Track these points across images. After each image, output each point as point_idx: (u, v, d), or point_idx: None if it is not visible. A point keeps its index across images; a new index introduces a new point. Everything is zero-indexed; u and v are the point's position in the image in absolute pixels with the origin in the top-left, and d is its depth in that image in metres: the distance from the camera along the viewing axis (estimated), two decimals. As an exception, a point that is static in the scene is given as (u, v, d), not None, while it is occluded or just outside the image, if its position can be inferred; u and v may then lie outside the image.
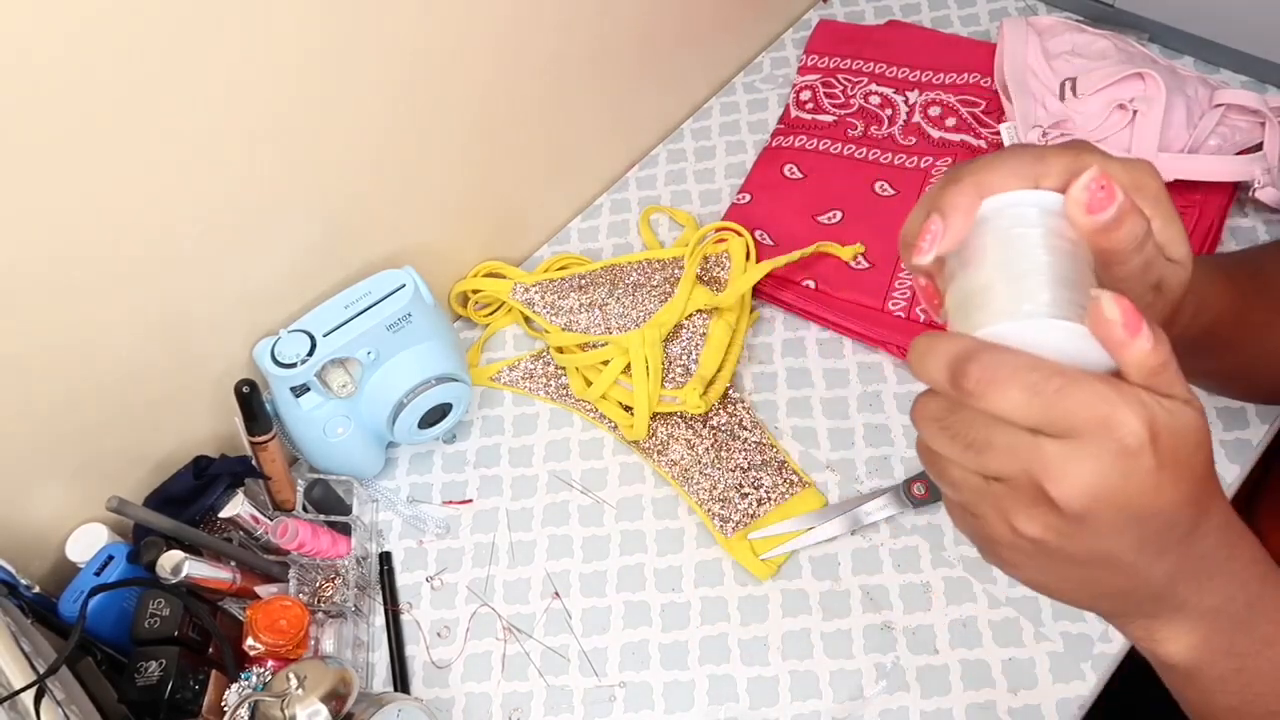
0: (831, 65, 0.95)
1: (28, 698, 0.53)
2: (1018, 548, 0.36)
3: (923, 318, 0.77)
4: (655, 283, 0.83)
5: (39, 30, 0.51)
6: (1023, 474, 0.33)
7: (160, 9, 0.55)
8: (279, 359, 0.69)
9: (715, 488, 0.74)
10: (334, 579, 0.71)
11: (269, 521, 0.70)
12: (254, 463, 0.73)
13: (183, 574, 0.63)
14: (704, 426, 0.77)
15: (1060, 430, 0.32)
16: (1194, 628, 0.39)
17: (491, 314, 0.87)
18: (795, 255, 0.80)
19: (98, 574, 0.65)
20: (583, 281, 0.84)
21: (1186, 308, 0.44)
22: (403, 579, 0.75)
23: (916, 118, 0.89)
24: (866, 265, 0.81)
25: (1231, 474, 0.69)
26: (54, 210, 0.57)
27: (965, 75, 0.90)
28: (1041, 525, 0.34)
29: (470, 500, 0.78)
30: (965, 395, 0.33)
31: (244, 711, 0.58)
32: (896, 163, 0.87)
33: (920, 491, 0.70)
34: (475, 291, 0.87)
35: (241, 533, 0.70)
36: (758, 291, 0.82)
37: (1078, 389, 0.32)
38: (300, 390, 0.71)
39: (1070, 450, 0.32)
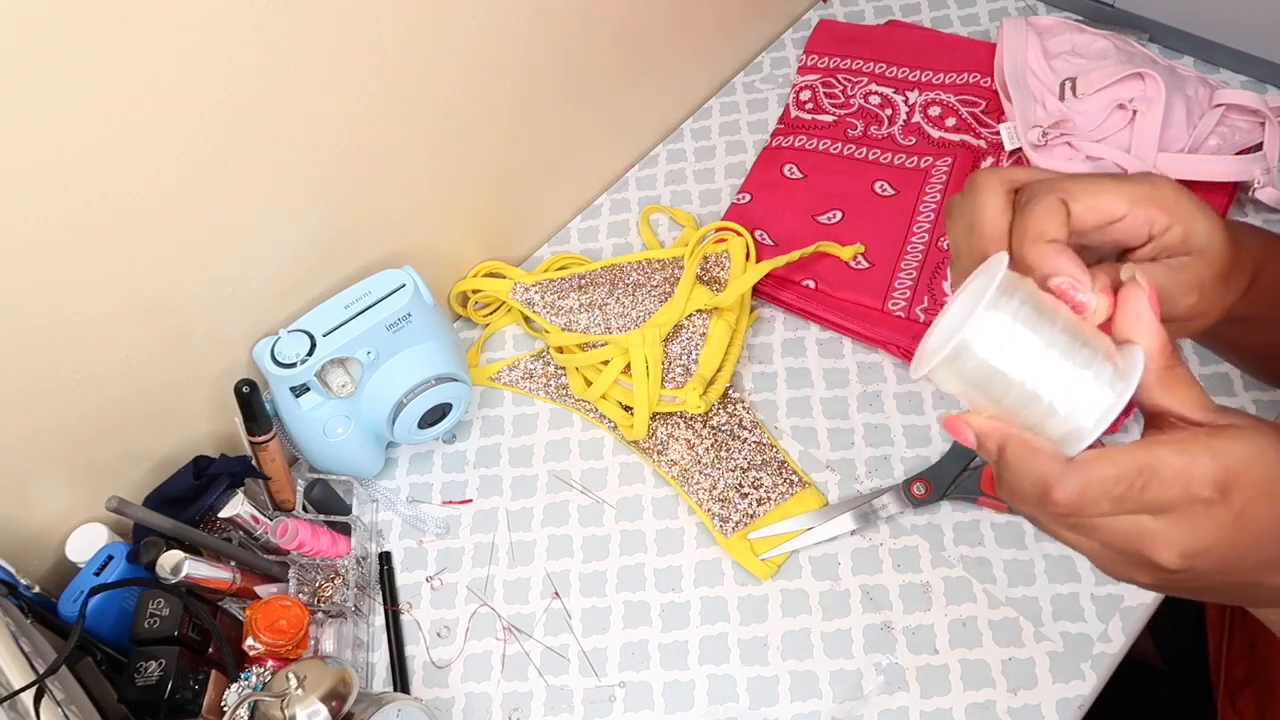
0: (831, 65, 0.95)
1: (28, 698, 0.53)
2: (1146, 583, 0.40)
3: (923, 318, 0.77)
4: (655, 283, 0.83)
5: (39, 31, 0.51)
6: (1131, 547, 0.37)
7: (162, 15, 0.55)
8: (279, 359, 0.69)
9: (715, 488, 0.74)
10: (334, 579, 0.71)
11: (269, 521, 0.70)
12: (254, 463, 0.73)
13: (183, 574, 0.63)
14: (704, 426, 0.77)
15: (1154, 511, 0.36)
16: None
17: (491, 314, 0.87)
18: (795, 255, 0.80)
19: (98, 574, 0.65)
20: (583, 281, 0.84)
21: (1238, 278, 0.44)
22: (403, 579, 0.75)
23: (916, 118, 0.89)
24: (866, 265, 0.81)
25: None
26: (53, 211, 0.57)
27: (965, 75, 0.90)
28: (1158, 578, 0.38)
29: (470, 500, 0.78)
30: (1063, 512, 0.37)
31: (244, 711, 0.58)
32: (896, 163, 0.87)
33: (920, 491, 0.70)
34: (475, 291, 0.87)
35: (241, 533, 0.70)
36: (758, 291, 0.82)
37: (1157, 478, 0.36)
38: (300, 390, 0.71)
39: (1164, 524, 0.36)
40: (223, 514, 0.68)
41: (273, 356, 0.69)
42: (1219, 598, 0.41)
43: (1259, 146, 0.79)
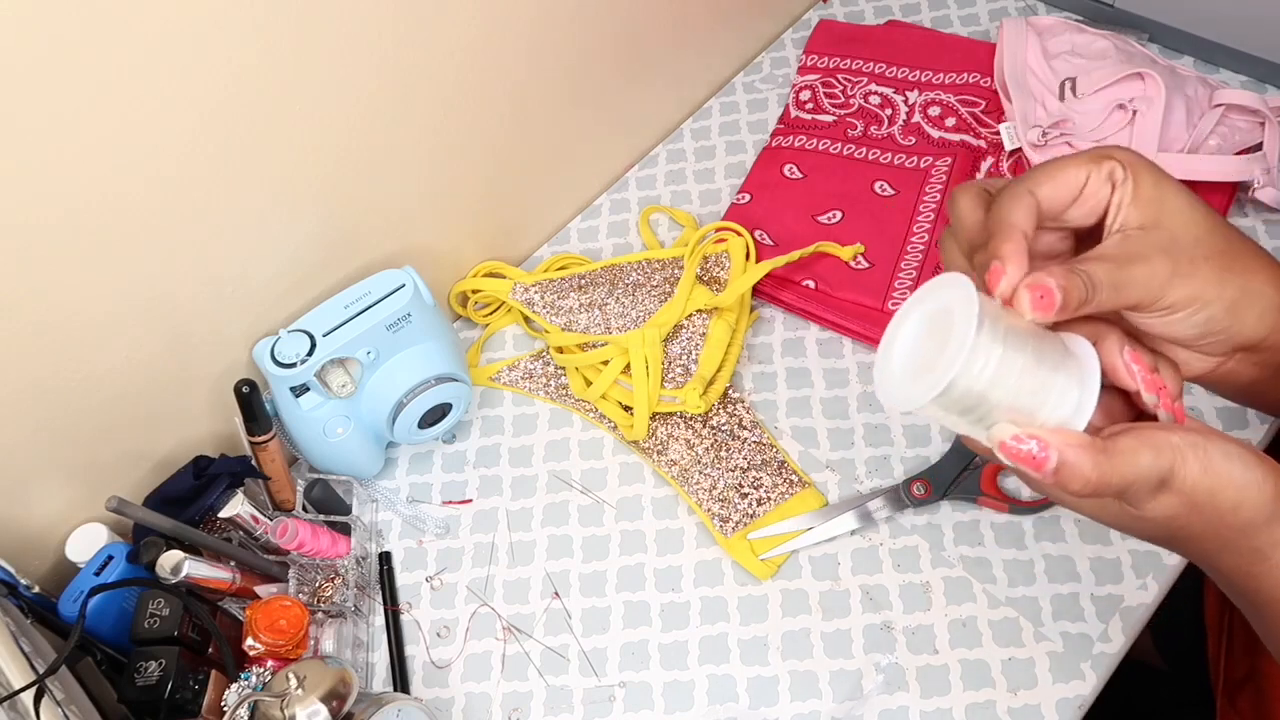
0: (831, 65, 0.95)
1: (28, 698, 0.53)
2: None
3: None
4: (655, 283, 0.83)
5: (40, 31, 0.51)
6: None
7: (163, 15, 0.55)
8: (279, 359, 0.69)
9: (715, 488, 0.74)
10: (334, 579, 0.71)
11: (269, 521, 0.70)
12: (254, 463, 0.73)
13: (182, 574, 0.63)
14: (704, 426, 0.77)
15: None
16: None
17: (491, 314, 0.87)
18: (795, 255, 0.80)
19: (97, 574, 0.65)
20: (582, 281, 0.84)
21: (1237, 273, 0.43)
22: (402, 579, 0.75)
23: (916, 118, 0.89)
24: (866, 265, 0.81)
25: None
26: (53, 212, 0.57)
27: (965, 75, 0.90)
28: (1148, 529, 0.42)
29: (470, 500, 0.78)
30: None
31: (244, 711, 0.58)
32: (896, 163, 0.87)
33: (920, 491, 0.70)
34: (475, 291, 0.87)
35: (241, 533, 0.70)
36: (758, 291, 0.82)
37: (1182, 468, 0.39)
38: (300, 390, 0.71)
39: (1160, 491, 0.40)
40: (223, 514, 0.68)
41: (273, 356, 0.69)
42: (1209, 540, 0.43)
43: (1259, 146, 0.79)
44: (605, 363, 0.79)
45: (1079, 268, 0.39)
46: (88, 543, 0.68)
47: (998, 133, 0.85)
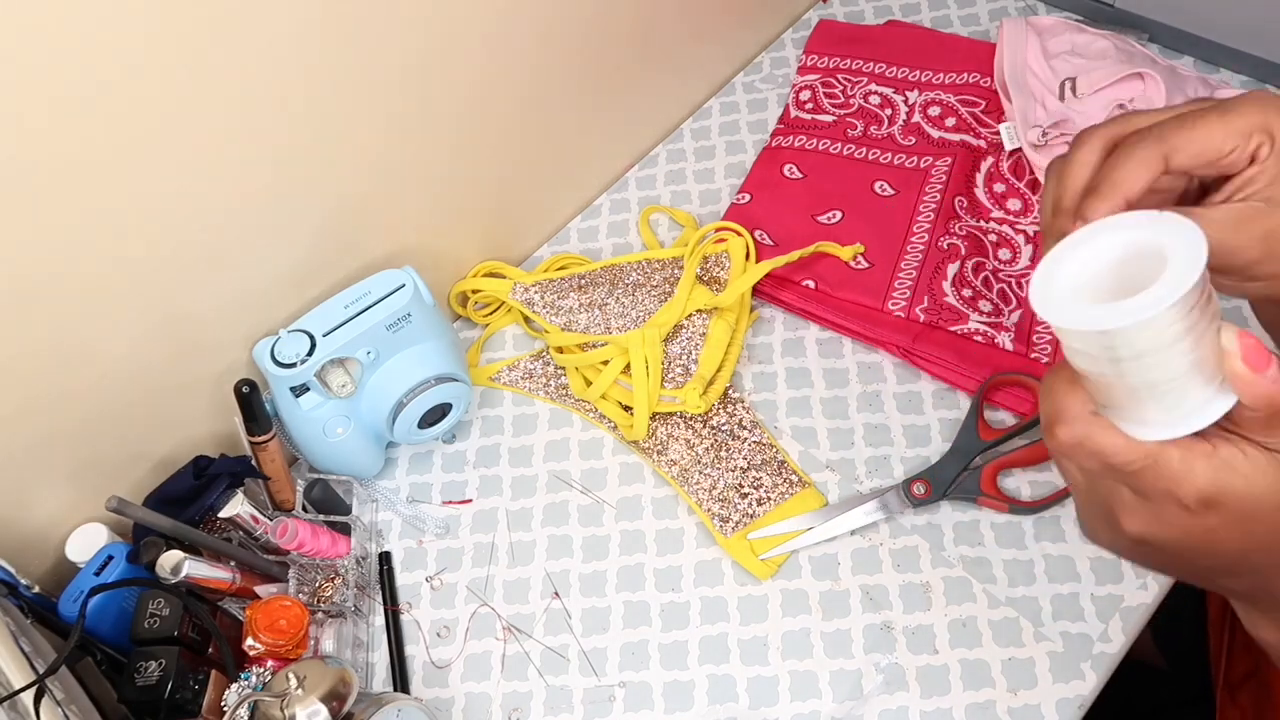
0: (831, 65, 0.95)
1: (28, 698, 0.53)
2: (1107, 542, 0.42)
3: (923, 318, 0.77)
4: (655, 283, 0.83)
5: (40, 33, 0.51)
6: (1106, 502, 0.39)
7: (163, 15, 0.55)
8: (279, 359, 0.69)
9: (715, 488, 0.74)
10: (334, 579, 0.71)
11: (269, 521, 0.70)
12: (254, 463, 0.73)
13: (182, 574, 0.63)
14: (704, 426, 0.77)
15: (1135, 490, 0.38)
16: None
17: (491, 314, 0.87)
18: (795, 255, 0.80)
19: (97, 574, 0.65)
20: (582, 281, 0.84)
21: None
22: (402, 579, 0.75)
23: (916, 118, 0.89)
24: (866, 265, 0.81)
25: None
26: (54, 211, 0.57)
27: (965, 75, 0.90)
28: (1116, 542, 0.40)
29: (470, 500, 0.78)
30: (1055, 449, 0.39)
31: (244, 711, 0.58)
32: (896, 163, 0.87)
33: (920, 491, 0.70)
34: (475, 291, 0.87)
35: (241, 533, 0.70)
36: (758, 291, 0.82)
37: (1151, 470, 0.37)
38: (300, 390, 0.71)
39: (1138, 502, 0.38)
40: (223, 514, 0.68)
41: (273, 356, 0.69)
42: (1168, 573, 0.43)
43: (1259, 146, 0.78)
44: (605, 363, 0.79)
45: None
46: (88, 543, 0.68)
47: (998, 133, 0.85)
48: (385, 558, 0.75)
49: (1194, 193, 0.43)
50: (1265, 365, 0.35)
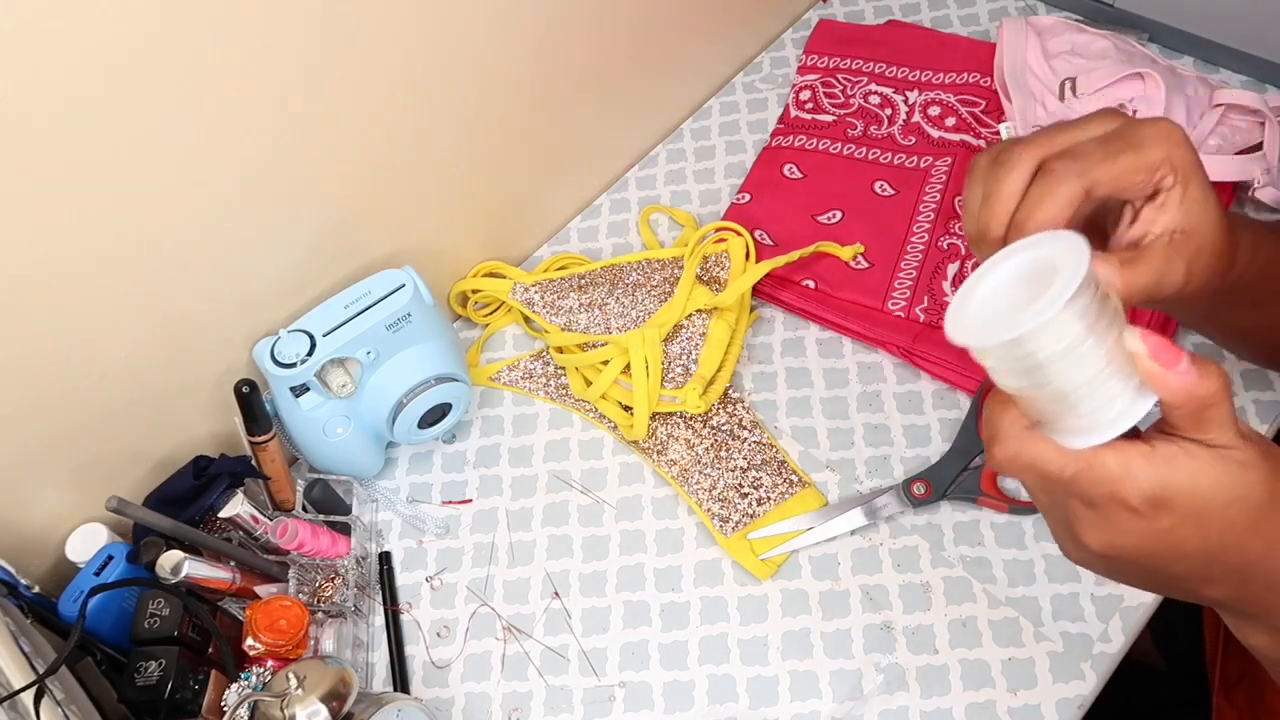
0: (831, 65, 0.95)
1: (28, 698, 0.53)
2: (1077, 560, 0.42)
3: (923, 318, 0.77)
4: (655, 283, 0.83)
5: (41, 34, 0.51)
6: (1065, 519, 0.40)
7: (162, 14, 0.55)
8: (279, 359, 0.69)
9: (715, 488, 0.74)
10: (334, 579, 0.71)
11: (269, 521, 0.70)
12: (254, 463, 0.73)
13: (182, 574, 0.63)
14: (704, 426, 0.77)
15: (1082, 502, 0.39)
16: (1270, 633, 0.42)
17: (491, 314, 0.87)
18: (795, 255, 0.80)
19: (97, 574, 0.65)
20: (582, 281, 0.84)
21: (1238, 256, 0.45)
22: (402, 579, 0.75)
23: (916, 117, 0.89)
24: (866, 265, 0.81)
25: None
26: (54, 211, 0.57)
27: (965, 75, 0.90)
28: (1085, 557, 0.41)
29: (470, 500, 0.78)
30: (995, 468, 0.41)
31: (244, 711, 0.58)
32: (896, 162, 0.87)
33: (920, 491, 0.70)
34: (475, 291, 0.87)
35: (241, 533, 0.70)
36: (757, 291, 0.82)
37: (1086, 477, 0.38)
38: (300, 390, 0.71)
39: (1091, 514, 0.38)
40: (223, 514, 0.68)
41: (273, 356, 0.69)
42: (1160, 592, 0.43)
43: (1259, 146, 0.79)
44: (605, 363, 0.79)
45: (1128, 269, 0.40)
46: (88, 543, 0.68)
47: (998, 133, 0.85)
48: (385, 558, 0.75)
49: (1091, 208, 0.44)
50: (1175, 360, 0.36)
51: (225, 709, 0.60)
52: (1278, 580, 0.40)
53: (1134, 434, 0.39)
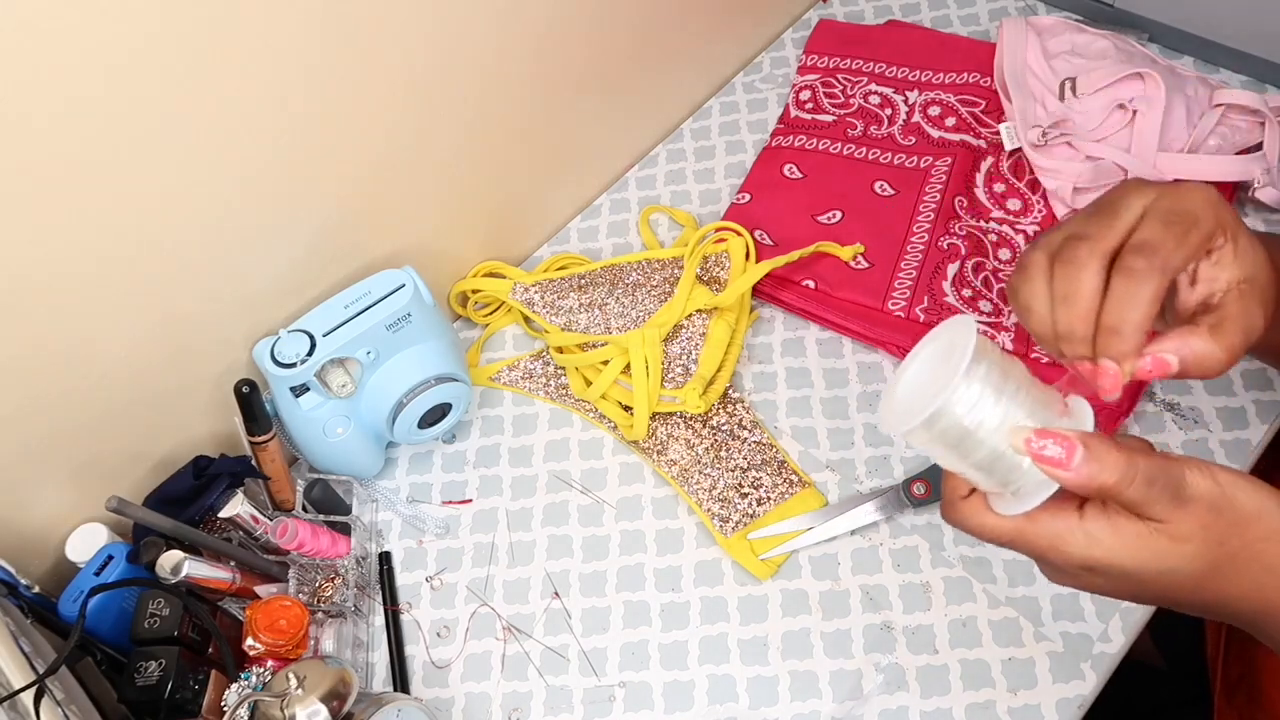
0: (831, 65, 0.95)
1: (28, 698, 0.53)
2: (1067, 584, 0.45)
3: (923, 318, 0.77)
4: (655, 283, 0.83)
5: (41, 34, 0.51)
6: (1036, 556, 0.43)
7: (163, 14, 0.55)
8: (279, 359, 0.69)
9: (715, 488, 0.74)
10: (334, 579, 0.71)
11: (269, 521, 0.70)
12: (254, 463, 0.73)
13: (182, 574, 0.63)
14: (704, 426, 0.77)
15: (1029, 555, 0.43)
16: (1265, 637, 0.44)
17: (491, 314, 0.87)
18: (795, 255, 0.80)
19: (97, 574, 0.65)
20: (582, 281, 0.84)
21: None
22: (402, 579, 0.75)
23: (916, 117, 0.89)
24: (866, 265, 0.81)
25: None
26: (54, 211, 0.57)
27: (965, 75, 0.90)
28: (1072, 581, 0.44)
29: (470, 500, 0.78)
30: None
31: (244, 711, 0.58)
32: (896, 162, 0.87)
33: (920, 491, 0.70)
34: (475, 291, 0.87)
35: (241, 533, 0.70)
36: (757, 291, 0.82)
37: (1025, 538, 0.41)
38: (300, 390, 0.71)
39: (1039, 562, 0.43)
40: (223, 514, 0.68)
41: (273, 356, 0.69)
42: (1149, 601, 0.45)
43: (1259, 146, 0.79)
44: (605, 363, 0.79)
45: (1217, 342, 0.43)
46: (88, 543, 0.68)
47: (998, 133, 0.85)
48: (385, 558, 0.75)
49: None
50: (1063, 462, 0.39)
51: (225, 709, 0.60)
52: (1250, 619, 0.42)
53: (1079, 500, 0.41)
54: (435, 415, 0.75)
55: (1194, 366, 0.42)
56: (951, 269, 0.78)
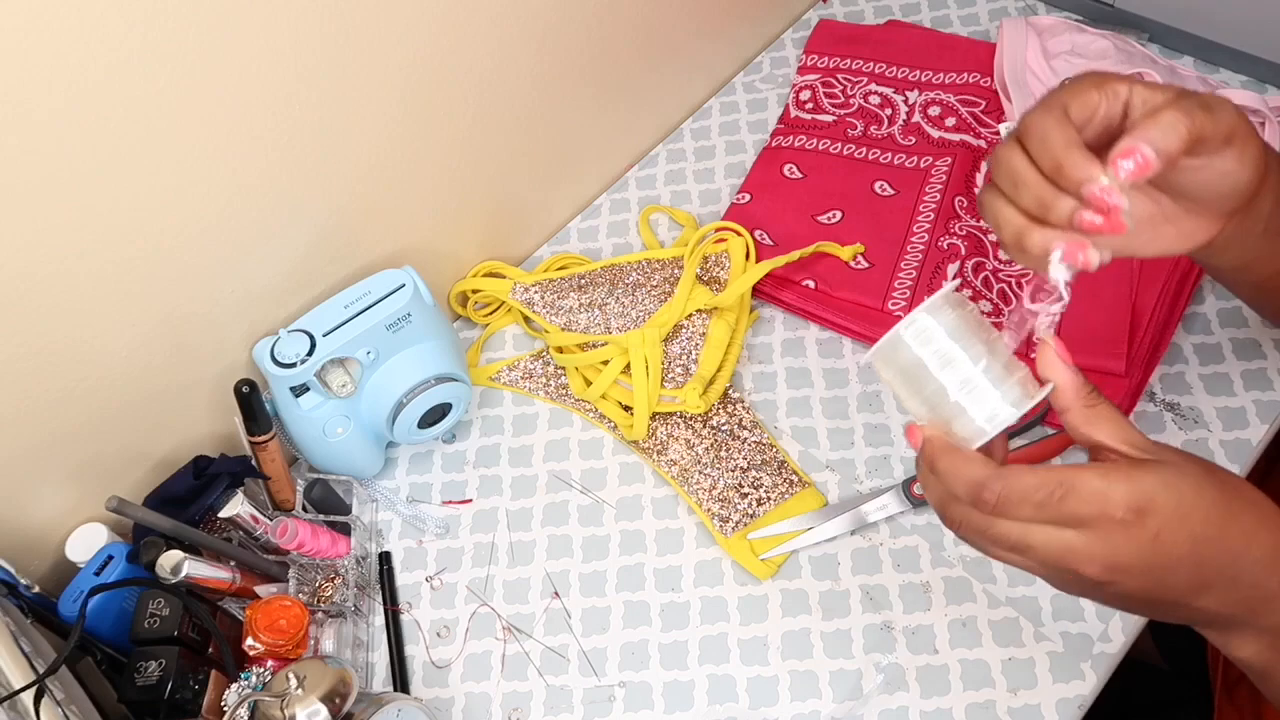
0: (831, 65, 0.95)
1: (28, 698, 0.53)
2: (1081, 593, 0.45)
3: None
4: (655, 283, 0.83)
5: (41, 37, 0.51)
6: (1060, 562, 0.42)
7: (163, 14, 0.55)
8: (279, 359, 0.69)
9: (715, 488, 0.74)
10: (334, 579, 0.71)
11: (269, 521, 0.70)
12: (254, 463, 0.73)
13: (182, 574, 0.63)
14: (704, 426, 0.77)
15: (1073, 525, 0.41)
16: (1259, 638, 0.44)
17: (491, 314, 0.87)
18: (795, 255, 0.80)
19: (97, 574, 0.65)
20: (582, 281, 0.84)
21: (1270, 182, 0.48)
22: (402, 579, 0.75)
23: (916, 118, 0.89)
24: (866, 265, 0.81)
25: (1231, 474, 0.69)
26: (54, 211, 0.57)
27: (965, 75, 0.90)
28: (1090, 590, 0.44)
29: (470, 500, 0.78)
30: (990, 511, 0.43)
31: (244, 711, 0.58)
32: (896, 163, 0.87)
33: (920, 491, 0.70)
34: (475, 291, 0.87)
35: (241, 533, 0.70)
36: (757, 291, 0.82)
37: (1075, 493, 0.41)
38: (300, 390, 0.71)
39: (1085, 539, 0.41)
40: (223, 514, 0.68)
41: (273, 356, 0.69)
42: (1156, 614, 0.46)
43: (1259, 146, 0.78)
44: (605, 363, 0.79)
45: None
46: (88, 543, 0.68)
47: (998, 133, 0.85)
48: (385, 558, 0.75)
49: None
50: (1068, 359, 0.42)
51: (225, 709, 0.60)
52: (1261, 573, 0.42)
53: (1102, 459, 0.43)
54: (435, 415, 0.75)
55: (1161, 136, 0.42)
56: (952, 269, 0.78)
